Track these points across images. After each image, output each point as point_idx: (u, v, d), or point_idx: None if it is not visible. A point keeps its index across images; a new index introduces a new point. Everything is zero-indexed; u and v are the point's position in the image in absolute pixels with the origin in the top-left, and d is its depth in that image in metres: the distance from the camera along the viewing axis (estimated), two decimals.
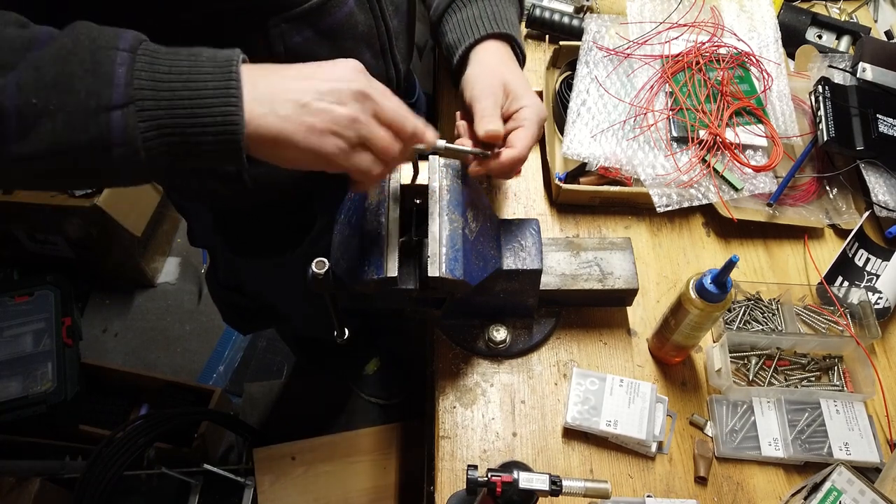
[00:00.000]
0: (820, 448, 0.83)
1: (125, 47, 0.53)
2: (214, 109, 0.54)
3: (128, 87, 0.52)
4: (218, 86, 0.54)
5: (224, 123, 0.54)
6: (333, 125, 0.58)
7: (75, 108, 0.51)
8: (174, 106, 0.53)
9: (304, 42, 0.75)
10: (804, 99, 1.12)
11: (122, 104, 0.52)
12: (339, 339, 0.82)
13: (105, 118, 0.52)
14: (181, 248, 2.23)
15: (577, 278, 0.88)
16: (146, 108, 0.53)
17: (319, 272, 0.66)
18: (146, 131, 0.53)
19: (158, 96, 0.53)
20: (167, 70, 0.54)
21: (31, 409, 1.48)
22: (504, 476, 0.64)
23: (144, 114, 0.53)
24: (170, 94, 0.53)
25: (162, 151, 0.54)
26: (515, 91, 0.79)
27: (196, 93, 0.54)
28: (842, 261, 0.99)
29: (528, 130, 0.78)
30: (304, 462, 1.55)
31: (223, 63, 0.55)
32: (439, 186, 0.76)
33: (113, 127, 0.52)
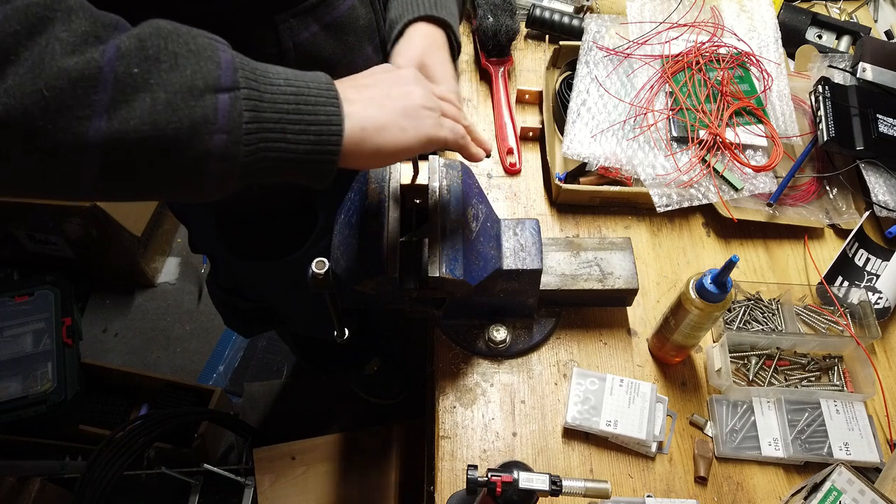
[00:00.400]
0: (820, 448, 0.83)
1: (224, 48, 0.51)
2: (319, 109, 0.53)
3: (236, 71, 0.49)
4: (320, 87, 0.54)
5: (328, 123, 0.53)
6: (420, 104, 0.61)
7: (181, 86, 0.47)
8: (278, 100, 0.51)
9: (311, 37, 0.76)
10: (804, 99, 1.12)
11: (229, 87, 0.48)
12: (339, 339, 0.82)
13: (212, 99, 0.47)
14: (181, 248, 2.23)
15: (577, 278, 0.88)
16: (252, 96, 0.50)
17: (319, 272, 0.66)
18: (249, 122, 0.49)
19: (262, 88, 0.51)
20: (264, 69, 0.53)
21: (31, 409, 1.48)
22: (504, 476, 0.64)
23: (250, 102, 0.50)
24: (274, 87, 0.52)
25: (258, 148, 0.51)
26: (434, 74, 0.80)
27: (299, 89, 0.53)
28: (842, 261, 0.99)
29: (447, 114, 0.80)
30: (304, 462, 1.56)
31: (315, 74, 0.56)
32: (439, 186, 0.76)
33: (220, 109, 0.48)
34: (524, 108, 1.15)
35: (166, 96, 0.46)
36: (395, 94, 0.61)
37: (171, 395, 1.73)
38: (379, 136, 0.58)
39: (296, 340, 1.75)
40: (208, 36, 0.51)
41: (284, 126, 0.52)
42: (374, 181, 0.76)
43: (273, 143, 0.51)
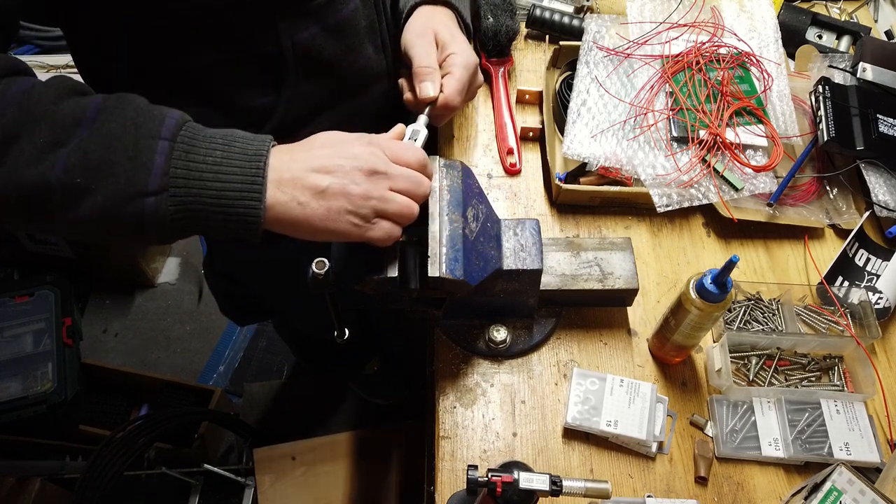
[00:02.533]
0: (820, 448, 0.83)
1: (167, 136, 0.59)
2: (238, 203, 0.60)
3: (164, 176, 0.58)
4: (245, 181, 0.60)
5: (245, 216, 0.61)
6: (348, 205, 0.64)
7: (115, 191, 0.58)
8: (203, 195, 0.60)
9: (310, 37, 0.76)
10: (804, 99, 1.12)
11: (156, 192, 0.58)
12: (339, 339, 0.82)
13: (140, 203, 0.58)
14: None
15: (578, 278, 0.88)
16: (178, 195, 0.59)
17: (319, 272, 0.66)
18: (175, 214, 0.59)
19: (190, 185, 0.59)
20: (201, 160, 0.60)
21: (31, 409, 1.48)
22: (504, 476, 0.64)
23: (176, 199, 0.59)
24: (200, 184, 0.59)
25: (187, 227, 0.61)
26: (443, 39, 0.83)
27: (225, 185, 0.60)
28: (842, 261, 0.99)
29: (455, 76, 0.81)
30: (304, 462, 1.56)
31: (253, 157, 0.61)
32: (439, 186, 0.76)
33: (146, 211, 0.58)
34: (524, 109, 1.15)
35: (103, 200, 0.58)
36: (327, 191, 0.63)
37: (171, 395, 1.73)
38: (292, 230, 0.64)
39: (295, 339, 1.75)
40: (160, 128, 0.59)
41: (208, 216, 0.61)
42: None
43: (199, 226, 0.62)
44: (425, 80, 0.80)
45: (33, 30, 1.79)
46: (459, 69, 0.81)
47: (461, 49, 0.83)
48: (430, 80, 0.80)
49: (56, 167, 0.56)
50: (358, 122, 0.92)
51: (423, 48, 0.82)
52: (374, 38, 0.85)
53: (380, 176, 0.65)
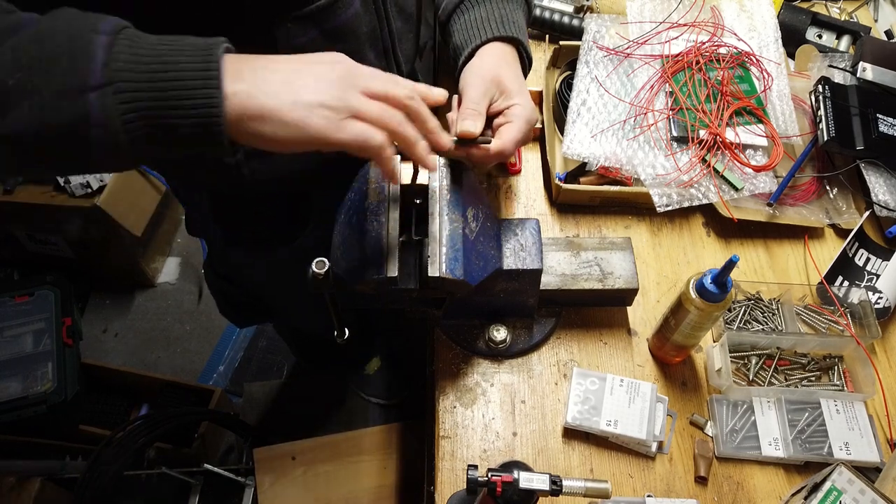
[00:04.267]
0: (820, 448, 0.83)
1: (106, 30, 0.53)
2: (195, 92, 0.53)
3: (105, 68, 0.51)
4: (197, 68, 0.54)
5: (204, 106, 0.53)
6: (320, 96, 0.57)
7: (53, 89, 0.51)
8: (153, 88, 0.53)
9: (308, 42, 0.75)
10: (804, 99, 1.12)
11: (99, 85, 0.51)
12: (339, 339, 0.82)
13: (83, 99, 0.51)
14: (181, 248, 2.23)
15: (578, 278, 0.88)
16: (125, 90, 0.52)
17: (319, 272, 0.66)
18: (126, 113, 0.52)
19: (137, 78, 0.52)
20: (147, 53, 0.53)
21: (31, 409, 1.48)
22: (504, 476, 0.64)
23: (124, 95, 0.52)
24: (149, 75, 0.53)
25: (144, 134, 0.54)
26: (509, 88, 0.80)
27: (176, 74, 0.53)
28: (842, 260, 0.99)
29: (515, 126, 0.79)
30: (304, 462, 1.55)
31: (204, 48, 0.55)
32: (439, 186, 0.76)
33: (92, 107, 0.51)
34: None
35: (42, 99, 0.51)
36: (296, 83, 0.57)
37: (171, 395, 1.73)
38: (259, 125, 0.56)
39: (295, 339, 1.75)
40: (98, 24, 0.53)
41: (162, 113, 0.53)
42: (374, 181, 0.76)
43: (156, 127, 0.54)
44: (467, 118, 0.76)
45: None
46: (521, 121, 0.79)
47: (525, 102, 0.80)
48: (471, 119, 0.76)
49: None
50: None
51: (480, 91, 0.78)
52: (376, 44, 0.84)
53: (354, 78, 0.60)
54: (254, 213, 0.96)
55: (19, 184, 1.78)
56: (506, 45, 0.84)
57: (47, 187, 1.77)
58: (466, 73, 0.82)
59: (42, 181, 1.78)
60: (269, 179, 0.84)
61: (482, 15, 0.84)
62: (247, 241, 1.00)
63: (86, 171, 0.59)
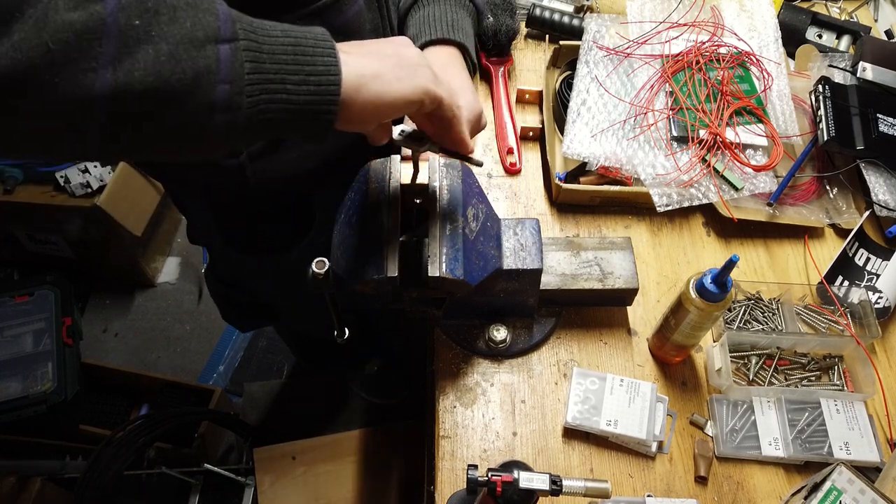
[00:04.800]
0: (820, 448, 0.83)
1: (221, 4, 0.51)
2: (317, 59, 0.54)
3: (234, 23, 0.50)
4: (317, 38, 0.55)
5: (326, 73, 0.54)
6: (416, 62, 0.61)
7: (182, 37, 0.47)
8: (277, 51, 0.52)
9: None
10: (804, 98, 1.12)
11: (229, 38, 0.49)
12: (340, 339, 0.82)
13: (213, 50, 0.48)
14: (181, 248, 2.23)
15: (578, 278, 0.88)
16: (251, 48, 0.51)
17: (319, 272, 0.66)
18: (251, 73, 0.50)
19: (261, 40, 0.52)
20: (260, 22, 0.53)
21: (31, 409, 1.48)
22: (504, 476, 0.64)
23: (250, 53, 0.50)
24: (272, 38, 0.52)
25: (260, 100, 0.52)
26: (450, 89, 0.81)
27: (297, 40, 0.53)
28: (842, 260, 0.99)
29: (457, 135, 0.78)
30: (304, 462, 1.56)
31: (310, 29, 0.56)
32: (439, 186, 0.76)
33: (221, 59, 0.48)
34: (524, 108, 1.15)
35: (168, 48, 0.47)
36: (391, 51, 0.61)
37: (171, 395, 1.73)
38: (376, 83, 0.58)
39: (295, 339, 1.75)
40: None
41: (284, 77, 0.52)
42: (374, 181, 0.76)
43: (274, 94, 0.52)
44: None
45: None
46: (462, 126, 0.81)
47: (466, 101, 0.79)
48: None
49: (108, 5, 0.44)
50: None
51: None
52: None
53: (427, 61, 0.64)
54: (255, 218, 0.96)
55: (19, 183, 1.78)
56: (453, 48, 0.87)
57: (47, 187, 1.77)
58: None
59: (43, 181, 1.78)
60: (272, 180, 0.84)
61: (436, 14, 0.87)
62: (249, 247, 1.00)
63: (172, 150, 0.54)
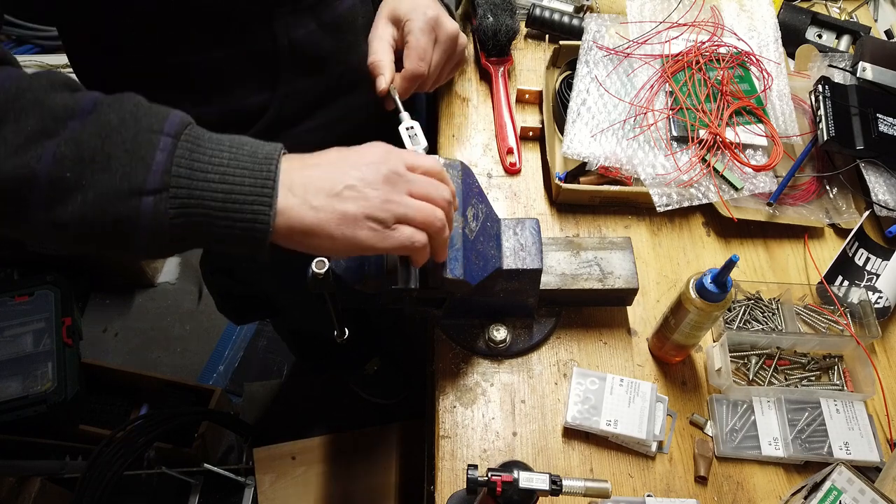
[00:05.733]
0: (820, 447, 0.83)
1: (169, 132, 0.53)
2: (246, 207, 0.54)
3: (165, 174, 0.52)
4: (255, 184, 0.55)
5: (253, 222, 0.55)
6: (366, 209, 0.58)
7: (108, 188, 0.51)
8: (206, 198, 0.54)
9: (307, 34, 0.75)
10: (804, 98, 1.12)
11: (155, 190, 0.52)
12: (340, 339, 0.82)
13: (136, 202, 0.52)
14: None
15: (578, 278, 0.88)
16: (179, 195, 0.53)
17: (319, 272, 0.66)
18: (175, 217, 0.53)
19: (193, 185, 0.53)
20: (207, 160, 0.54)
21: (31, 409, 1.48)
22: (504, 475, 0.64)
23: (176, 201, 0.53)
24: (205, 184, 0.53)
25: (186, 236, 0.55)
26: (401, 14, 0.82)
27: (232, 187, 0.54)
28: (842, 260, 0.99)
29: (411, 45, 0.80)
30: (304, 462, 1.56)
31: (263, 160, 0.56)
32: None
33: (143, 212, 0.52)
34: (524, 108, 1.15)
35: (95, 197, 0.51)
36: (343, 194, 0.58)
37: (171, 395, 1.72)
38: (306, 240, 0.58)
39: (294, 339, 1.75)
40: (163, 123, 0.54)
41: (211, 221, 0.54)
42: None
43: (199, 235, 0.55)
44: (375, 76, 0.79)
45: (33, 29, 1.78)
46: (415, 35, 0.80)
47: (417, 14, 0.80)
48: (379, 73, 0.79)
49: (44, 158, 0.50)
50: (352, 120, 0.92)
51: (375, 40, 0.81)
52: None
53: (399, 179, 0.61)
54: None
55: None
56: None
57: None
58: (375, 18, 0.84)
59: None
60: None
61: None
62: None
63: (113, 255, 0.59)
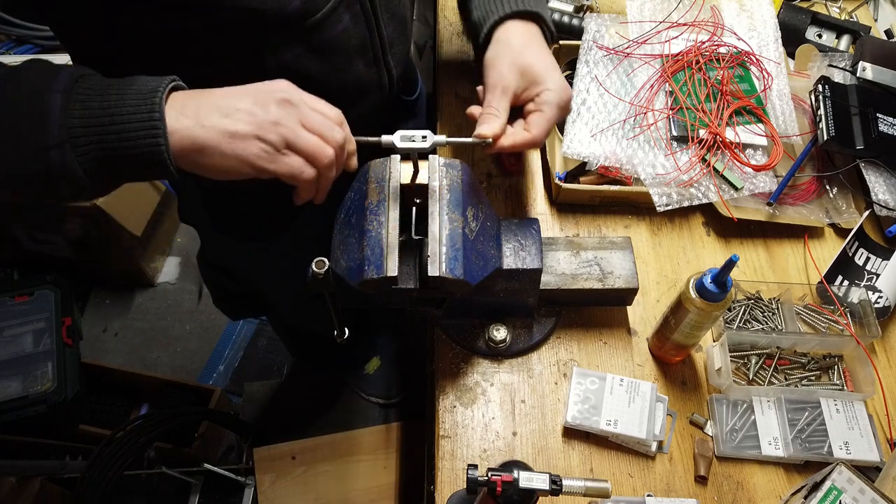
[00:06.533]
0: (820, 447, 0.83)
1: (59, 89, 0.59)
2: (141, 141, 0.59)
3: (62, 128, 0.58)
4: (142, 118, 0.59)
5: (150, 148, 0.59)
6: (256, 129, 0.61)
7: (19, 146, 0.58)
8: (104, 140, 0.59)
9: (294, 58, 0.74)
10: (804, 98, 1.12)
11: (57, 144, 0.58)
12: (339, 339, 0.82)
13: (42, 158, 0.58)
14: (181, 248, 2.23)
15: (578, 278, 0.88)
16: (79, 144, 0.59)
17: (319, 272, 0.67)
18: (84, 163, 0.59)
19: (89, 132, 0.59)
20: (97, 106, 0.59)
21: (31, 409, 1.48)
22: (504, 475, 0.64)
23: (79, 149, 0.59)
24: (99, 129, 0.59)
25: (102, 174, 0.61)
26: (536, 74, 0.79)
27: (122, 126, 0.59)
28: (842, 260, 0.99)
29: (545, 116, 0.79)
30: (304, 462, 1.56)
31: (148, 94, 0.60)
32: (439, 186, 0.76)
33: (52, 164, 0.58)
34: None
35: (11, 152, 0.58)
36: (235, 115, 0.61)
37: (171, 394, 1.72)
38: (200, 158, 0.62)
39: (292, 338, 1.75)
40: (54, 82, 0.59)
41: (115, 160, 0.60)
42: (374, 180, 0.76)
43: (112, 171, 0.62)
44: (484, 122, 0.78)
45: (33, 29, 1.78)
46: (551, 108, 0.78)
47: (555, 84, 0.79)
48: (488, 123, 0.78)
49: None
50: None
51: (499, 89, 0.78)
52: (366, 54, 0.82)
53: (291, 108, 0.63)
54: (242, 205, 0.96)
55: None
56: (527, 23, 0.82)
57: None
58: (489, 61, 0.81)
59: None
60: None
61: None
62: (237, 231, 1.00)
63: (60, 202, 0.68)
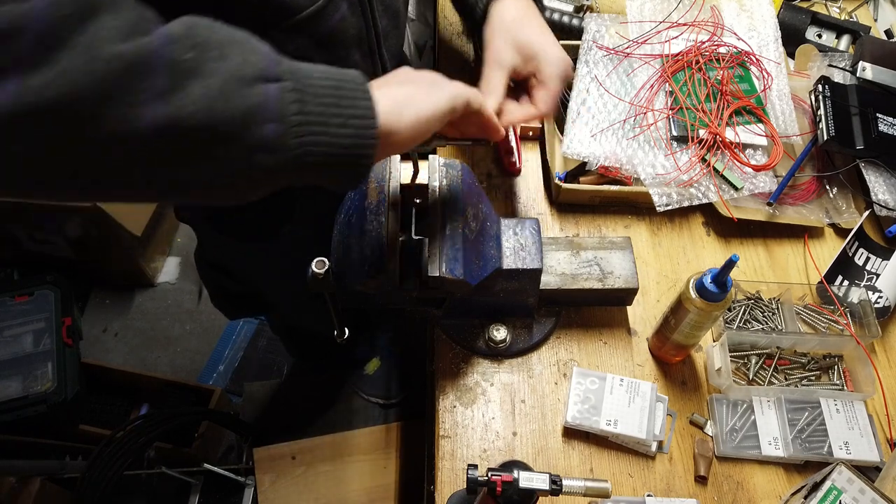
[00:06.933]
0: (820, 447, 0.83)
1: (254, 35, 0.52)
2: (357, 102, 0.54)
3: (279, 64, 0.50)
4: (355, 81, 0.55)
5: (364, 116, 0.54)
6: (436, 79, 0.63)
7: (231, 74, 0.47)
8: (319, 94, 0.52)
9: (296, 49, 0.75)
10: (804, 98, 1.12)
11: (275, 78, 0.49)
12: (339, 339, 0.82)
13: (262, 88, 0.48)
14: (181, 248, 2.23)
15: (578, 278, 0.88)
16: (296, 88, 0.50)
17: (319, 272, 0.67)
18: (296, 113, 0.50)
19: (304, 82, 0.51)
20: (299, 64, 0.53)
21: (31, 409, 1.48)
22: (504, 475, 0.64)
23: (295, 94, 0.50)
24: (314, 81, 0.52)
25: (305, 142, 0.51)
26: (534, 49, 0.80)
27: (338, 83, 0.53)
28: (842, 260, 0.99)
29: (549, 89, 0.80)
30: (304, 462, 1.56)
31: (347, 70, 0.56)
32: (439, 186, 0.76)
33: (270, 98, 0.48)
34: None
35: (219, 83, 0.46)
36: (413, 76, 0.63)
37: (171, 395, 1.73)
38: (411, 105, 0.59)
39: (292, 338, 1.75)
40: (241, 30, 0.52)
41: (326, 119, 0.52)
42: (374, 181, 0.76)
43: (317, 136, 0.51)
44: None
45: None
46: (555, 81, 0.79)
47: (554, 57, 0.80)
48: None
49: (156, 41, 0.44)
50: None
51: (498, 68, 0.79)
52: (362, 45, 0.84)
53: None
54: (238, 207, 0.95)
55: None
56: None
57: None
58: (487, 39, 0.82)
59: None
60: None
61: None
62: (236, 230, 1.00)
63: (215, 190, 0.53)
